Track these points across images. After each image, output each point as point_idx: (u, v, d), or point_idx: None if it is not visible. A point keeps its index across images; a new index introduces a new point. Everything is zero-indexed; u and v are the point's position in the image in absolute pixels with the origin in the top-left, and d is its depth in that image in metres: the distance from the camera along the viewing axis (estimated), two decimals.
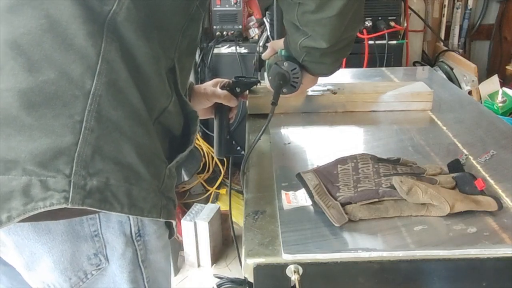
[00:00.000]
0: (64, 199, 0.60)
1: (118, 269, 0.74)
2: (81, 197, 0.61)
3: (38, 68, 0.60)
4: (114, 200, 0.63)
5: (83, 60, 0.62)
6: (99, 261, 0.72)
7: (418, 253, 0.69)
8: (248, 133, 1.13)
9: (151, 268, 0.78)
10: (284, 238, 0.72)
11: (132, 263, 0.74)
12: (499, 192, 0.83)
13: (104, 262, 0.72)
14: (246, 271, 0.70)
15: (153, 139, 0.70)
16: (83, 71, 0.62)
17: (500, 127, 1.12)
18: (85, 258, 0.71)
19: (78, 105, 0.61)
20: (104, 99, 0.63)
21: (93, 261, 0.71)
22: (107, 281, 0.74)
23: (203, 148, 2.43)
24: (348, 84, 1.31)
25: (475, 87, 2.29)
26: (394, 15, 2.23)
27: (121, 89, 0.65)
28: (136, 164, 0.66)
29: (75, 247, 0.70)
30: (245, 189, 0.89)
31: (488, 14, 2.74)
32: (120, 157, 0.64)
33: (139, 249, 0.75)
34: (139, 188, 0.66)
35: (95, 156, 0.62)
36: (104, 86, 0.63)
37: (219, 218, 2.18)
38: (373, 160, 0.86)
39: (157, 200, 0.69)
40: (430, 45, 2.69)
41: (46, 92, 0.61)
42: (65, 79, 0.61)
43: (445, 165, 0.89)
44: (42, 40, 0.61)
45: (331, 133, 1.12)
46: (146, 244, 0.76)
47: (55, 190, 0.60)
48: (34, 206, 0.59)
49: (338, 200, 0.78)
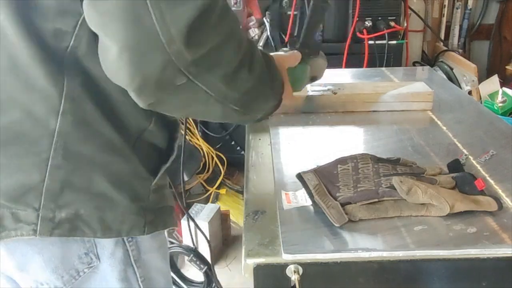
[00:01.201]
0: (32, 231, 0.65)
1: (108, 268, 0.75)
2: (49, 229, 0.66)
3: (4, 109, 0.63)
4: (85, 227, 0.68)
5: (46, 101, 0.63)
6: (90, 259, 0.73)
7: (418, 253, 0.69)
8: (248, 133, 1.13)
9: (146, 267, 0.80)
10: (284, 238, 0.72)
11: (123, 262, 0.76)
12: (499, 192, 0.83)
13: (95, 260, 0.74)
14: (246, 271, 0.70)
15: (131, 162, 0.71)
16: (47, 112, 0.63)
17: (500, 127, 1.12)
18: (76, 258, 0.72)
19: (44, 143, 0.64)
20: (71, 136, 0.65)
21: (84, 260, 0.73)
22: (99, 278, 0.75)
23: (203, 148, 2.43)
24: (348, 84, 1.31)
25: (475, 87, 2.29)
26: (394, 15, 2.23)
27: (89, 124, 0.66)
28: (109, 192, 0.68)
29: (66, 247, 0.72)
30: (245, 189, 0.89)
31: (488, 14, 2.73)
32: (91, 188, 0.67)
33: (131, 250, 0.77)
34: (114, 213, 0.69)
35: (65, 189, 0.66)
36: (70, 124, 0.64)
37: (219, 218, 2.18)
38: (373, 160, 0.86)
39: (139, 219, 0.72)
40: (430, 45, 2.69)
41: (14, 132, 0.63)
42: (30, 119, 0.63)
43: (445, 165, 0.89)
44: (5, 81, 0.62)
45: (331, 133, 1.12)
46: (139, 245, 0.77)
47: (25, 223, 0.65)
48: (7, 234, 0.66)
49: (338, 200, 0.78)
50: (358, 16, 2.15)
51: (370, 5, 2.20)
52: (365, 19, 2.19)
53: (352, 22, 2.18)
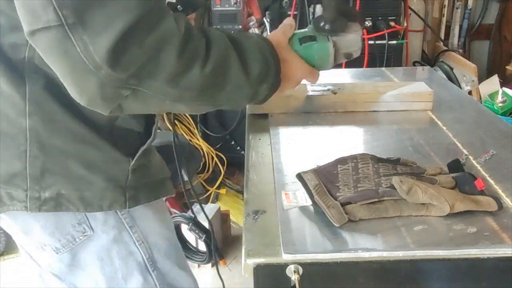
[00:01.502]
0: (24, 207, 0.76)
1: (103, 235, 0.84)
2: (37, 206, 0.76)
3: None
4: (69, 204, 0.78)
5: (13, 105, 0.72)
6: (84, 229, 0.83)
7: (418, 253, 0.69)
8: (248, 133, 1.13)
9: (144, 233, 0.88)
10: (284, 238, 0.72)
11: (117, 227, 0.85)
12: (499, 192, 0.83)
13: (88, 230, 0.83)
14: (246, 271, 0.70)
15: (103, 150, 0.78)
16: (16, 114, 0.73)
17: (500, 127, 1.12)
18: (69, 226, 0.82)
19: (21, 138, 0.74)
20: (41, 132, 0.74)
21: (78, 229, 0.82)
22: (96, 244, 0.84)
23: (203, 148, 2.43)
24: (348, 84, 1.31)
25: (475, 87, 2.29)
26: (394, 15, 2.23)
27: (56, 121, 0.74)
28: (86, 175, 0.77)
29: (57, 217, 0.81)
30: (245, 189, 0.89)
31: (488, 14, 2.74)
32: (68, 173, 0.76)
33: (123, 218, 0.85)
34: (92, 192, 0.78)
35: (45, 174, 0.75)
36: (38, 122, 0.73)
37: (219, 218, 2.18)
38: (373, 160, 0.86)
39: (118, 196, 0.80)
40: (430, 45, 2.69)
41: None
42: (6, 120, 0.73)
43: (445, 165, 0.89)
44: None
45: (331, 133, 1.12)
46: (132, 213, 0.86)
47: (17, 200, 0.77)
48: (7, 208, 0.78)
49: (338, 200, 0.78)
50: None
51: (370, 5, 2.20)
52: (365, 19, 2.19)
53: None
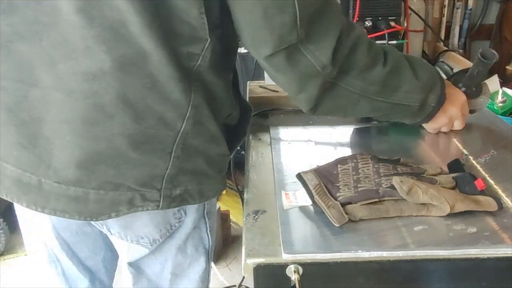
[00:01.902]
0: (156, 206, 0.83)
1: (189, 219, 0.93)
2: (168, 203, 0.83)
3: (142, 117, 0.78)
4: (190, 198, 0.86)
5: (177, 110, 0.79)
6: (181, 215, 0.92)
7: (418, 253, 0.69)
8: (248, 133, 1.13)
9: (211, 220, 1.00)
10: (284, 238, 0.72)
11: (200, 214, 0.96)
12: (499, 192, 0.83)
13: (183, 216, 0.92)
14: (246, 271, 0.70)
15: (222, 146, 0.88)
16: (176, 117, 0.79)
17: (500, 127, 1.12)
18: (171, 214, 0.90)
19: (170, 141, 0.80)
20: (189, 134, 0.81)
21: (176, 216, 0.91)
22: (183, 230, 0.94)
23: None
24: None
25: None
26: (394, 15, 2.22)
27: (202, 123, 0.82)
28: (206, 170, 0.86)
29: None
30: (245, 189, 0.89)
31: (488, 14, 2.73)
32: (195, 169, 0.84)
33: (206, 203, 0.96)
34: (208, 185, 0.88)
35: (179, 173, 0.83)
36: (190, 125, 0.80)
37: (219, 218, 2.18)
38: (373, 160, 0.86)
39: (221, 186, 0.91)
40: (430, 45, 2.69)
41: (147, 135, 0.79)
42: (162, 124, 0.79)
43: (445, 165, 0.89)
44: (146, 96, 0.76)
45: (331, 133, 1.12)
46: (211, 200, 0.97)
47: (150, 201, 0.83)
48: (135, 209, 0.83)
49: (338, 200, 0.78)
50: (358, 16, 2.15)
51: (370, 5, 2.19)
52: (365, 19, 2.19)
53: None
